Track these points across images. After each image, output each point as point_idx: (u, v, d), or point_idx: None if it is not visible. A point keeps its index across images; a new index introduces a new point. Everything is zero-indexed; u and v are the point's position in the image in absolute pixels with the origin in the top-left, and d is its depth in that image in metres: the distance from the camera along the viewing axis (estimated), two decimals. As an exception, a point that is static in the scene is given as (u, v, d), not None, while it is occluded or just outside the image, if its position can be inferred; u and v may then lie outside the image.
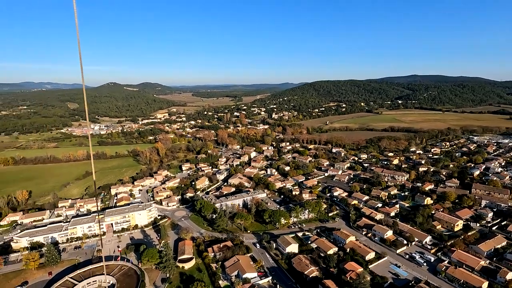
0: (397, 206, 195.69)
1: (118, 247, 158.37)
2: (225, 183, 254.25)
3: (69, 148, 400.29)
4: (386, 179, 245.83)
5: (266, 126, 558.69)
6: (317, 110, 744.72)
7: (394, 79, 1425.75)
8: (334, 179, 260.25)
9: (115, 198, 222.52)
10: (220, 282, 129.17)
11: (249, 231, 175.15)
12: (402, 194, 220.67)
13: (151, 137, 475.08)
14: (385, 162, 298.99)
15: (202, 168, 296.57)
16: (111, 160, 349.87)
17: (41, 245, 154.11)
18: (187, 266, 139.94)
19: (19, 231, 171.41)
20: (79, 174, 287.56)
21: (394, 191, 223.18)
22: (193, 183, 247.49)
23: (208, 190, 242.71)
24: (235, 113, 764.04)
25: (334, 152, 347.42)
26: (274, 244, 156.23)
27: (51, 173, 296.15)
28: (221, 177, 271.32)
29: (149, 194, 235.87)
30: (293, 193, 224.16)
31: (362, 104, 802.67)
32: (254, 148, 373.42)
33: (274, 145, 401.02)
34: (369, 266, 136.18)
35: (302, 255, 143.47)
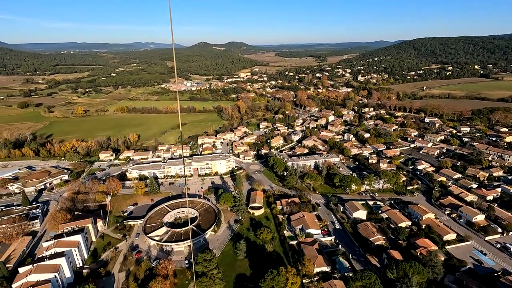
0: (499, 190, 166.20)
1: (202, 188, 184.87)
2: (299, 144, 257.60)
3: (167, 102, 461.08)
4: (490, 158, 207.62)
5: (349, 89, 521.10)
6: (413, 73, 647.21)
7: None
8: (421, 152, 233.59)
9: (201, 147, 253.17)
10: (285, 232, 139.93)
11: (317, 192, 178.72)
12: (510, 177, 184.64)
13: (234, 95, 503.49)
14: (494, 139, 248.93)
15: (278, 128, 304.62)
16: (199, 114, 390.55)
17: (146, 177, 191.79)
18: (257, 213, 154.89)
19: (131, 164, 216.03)
20: (174, 124, 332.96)
21: (499, 173, 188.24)
22: (269, 141, 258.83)
23: (282, 149, 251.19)
24: (317, 74, 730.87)
25: (427, 122, 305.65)
26: (341, 208, 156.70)
27: (153, 122, 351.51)
28: (295, 137, 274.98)
29: (228, 146, 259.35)
30: (370, 161, 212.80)
31: (476, 67, 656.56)
32: (333, 112, 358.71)
33: (356, 110, 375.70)
34: (446, 247, 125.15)
35: (370, 223, 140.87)
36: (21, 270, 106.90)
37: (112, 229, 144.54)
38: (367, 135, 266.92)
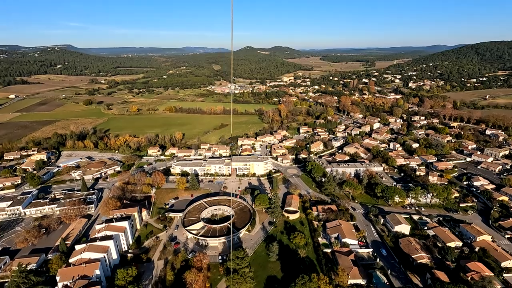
0: None
1: (239, 188, 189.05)
2: (340, 151, 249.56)
3: (211, 103, 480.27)
4: None
5: (398, 96, 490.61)
6: (474, 80, 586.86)
7: None
8: (479, 167, 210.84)
9: (241, 148, 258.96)
10: (319, 238, 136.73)
11: (356, 201, 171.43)
12: None
13: (275, 99, 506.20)
14: None
15: (319, 133, 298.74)
16: (241, 116, 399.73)
17: (188, 174, 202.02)
18: (292, 217, 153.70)
19: (175, 161, 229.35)
20: (217, 125, 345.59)
21: None
22: (308, 145, 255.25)
23: (322, 154, 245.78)
24: (364, 80, 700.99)
25: (488, 135, 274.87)
26: (382, 220, 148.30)
27: (197, 122, 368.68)
28: (336, 144, 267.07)
29: (267, 149, 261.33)
30: (417, 173, 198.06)
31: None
32: (379, 119, 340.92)
33: (404, 118, 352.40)
34: (504, 275, 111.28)
35: (413, 238, 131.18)
36: (77, 247, 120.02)
37: (155, 219, 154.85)
38: (415, 145, 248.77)
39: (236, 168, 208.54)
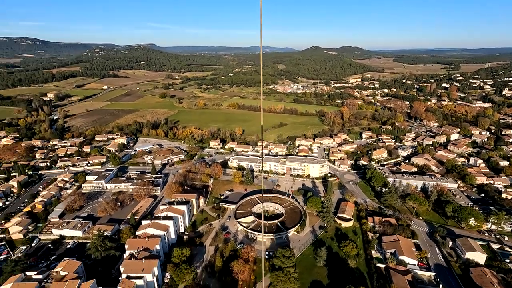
0: None
1: (292, 187, 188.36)
2: (407, 161, 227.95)
3: (273, 102, 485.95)
4: None
5: (487, 105, 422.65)
6: None
7: None
8: None
9: (297, 148, 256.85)
10: (373, 252, 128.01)
11: (420, 218, 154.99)
12: None
13: (338, 101, 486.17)
14: None
15: (384, 140, 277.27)
16: (301, 117, 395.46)
17: (244, 168, 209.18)
18: (344, 224, 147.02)
19: (233, 155, 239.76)
20: (276, 123, 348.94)
21: None
22: (370, 152, 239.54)
23: (385, 163, 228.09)
24: (444, 84, 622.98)
25: None
26: (451, 243, 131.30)
27: (258, 119, 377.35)
28: (403, 153, 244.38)
29: (325, 152, 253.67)
30: (503, 195, 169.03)
31: None
32: (459, 130, 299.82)
33: (492, 130, 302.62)
34: None
35: (489, 270, 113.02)
36: (143, 222, 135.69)
37: (210, 208, 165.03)
38: (504, 163, 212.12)
39: (291, 168, 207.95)
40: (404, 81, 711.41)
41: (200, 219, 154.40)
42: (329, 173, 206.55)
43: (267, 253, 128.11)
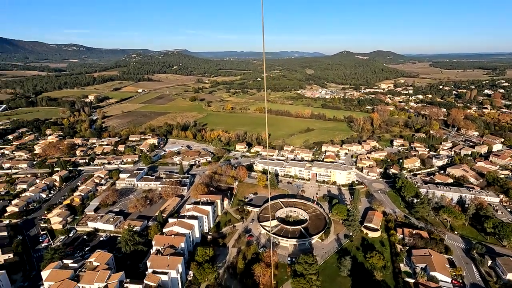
0: None
1: (317, 194, 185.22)
2: (441, 171, 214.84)
3: (300, 107, 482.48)
4: None
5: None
6: None
7: None
8: None
9: (324, 154, 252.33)
10: (401, 265, 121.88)
11: (456, 233, 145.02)
12: None
13: (369, 107, 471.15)
14: None
15: (417, 148, 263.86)
16: (328, 122, 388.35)
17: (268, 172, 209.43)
18: (371, 234, 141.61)
19: (259, 158, 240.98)
20: (302, 128, 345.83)
21: None
22: (401, 160, 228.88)
23: (417, 172, 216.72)
24: (486, 91, 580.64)
25: None
26: (490, 262, 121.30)
27: (284, 124, 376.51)
28: (438, 163, 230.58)
29: (353, 159, 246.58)
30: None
31: None
32: (503, 140, 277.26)
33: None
34: None
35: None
36: (170, 220, 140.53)
37: (234, 210, 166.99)
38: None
39: (316, 174, 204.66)
40: (441, 87, 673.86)
41: (224, 221, 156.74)
42: (357, 180, 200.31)
43: (289, 258, 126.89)
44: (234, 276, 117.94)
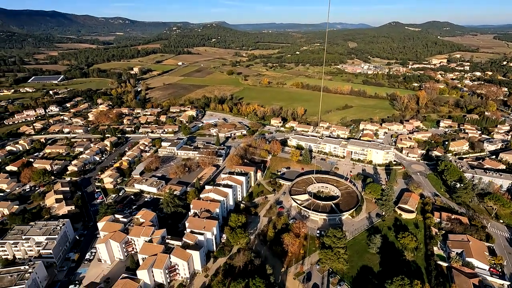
0: None
1: (351, 172, 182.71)
2: (493, 156, 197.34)
3: (339, 82, 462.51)
4: None
5: None
6: None
7: None
8: None
9: (361, 132, 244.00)
10: (435, 248, 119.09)
11: (501, 221, 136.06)
12: None
13: (415, 84, 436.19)
14: None
15: (466, 130, 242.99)
16: (369, 99, 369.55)
17: (302, 148, 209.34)
18: (405, 216, 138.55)
19: (293, 134, 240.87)
20: (340, 105, 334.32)
21: None
22: (447, 142, 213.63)
23: (464, 156, 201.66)
24: None
25: None
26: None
27: (322, 100, 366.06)
28: (490, 147, 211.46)
29: (392, 138, 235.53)
30: None
31: None
32: None
33: None
34: None
35: None
36: (207, 187, 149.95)
37: (266, 182, 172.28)
38: None
39: (351, 152, 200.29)
40: (504, 63, 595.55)
41: (256, 191, 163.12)
42: (394, 161, 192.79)
43: (318, 231, 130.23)
44: (264, 243, 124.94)
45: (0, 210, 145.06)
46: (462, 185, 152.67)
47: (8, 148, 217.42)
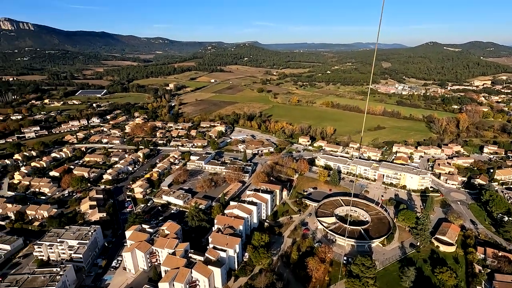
0: None
1: (382, 196, 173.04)
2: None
3: (371, 102, 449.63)
4: None
5: None
6: None
7: None
8: None
9: (394, 155, 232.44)
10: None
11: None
12: None
13: (455, 106, 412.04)
14: None
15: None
16: (403, 121, 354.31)
17: (330, 168, 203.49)
18: (444, 248, 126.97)
19: (321, 153, 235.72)
20: (372, 126, 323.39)
21: None
22: (491, 170, 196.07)
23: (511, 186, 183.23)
24: None
25: None
26: None
27: (352, 120, 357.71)
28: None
29: (429, 163, 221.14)
30: None
31: None
32: None
33: None
34: None
35: None
36: (231, 203, 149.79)
37: (292, 201, 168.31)
38: None
39: (383, 175, 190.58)
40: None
41: (281, 211, 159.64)
42: (431, 187, 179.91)
43: (345, 258, 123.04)
44: (287, 265, 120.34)
45: (41, 212, 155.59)
46: (510, 218, 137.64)
47: (53, 155, 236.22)
